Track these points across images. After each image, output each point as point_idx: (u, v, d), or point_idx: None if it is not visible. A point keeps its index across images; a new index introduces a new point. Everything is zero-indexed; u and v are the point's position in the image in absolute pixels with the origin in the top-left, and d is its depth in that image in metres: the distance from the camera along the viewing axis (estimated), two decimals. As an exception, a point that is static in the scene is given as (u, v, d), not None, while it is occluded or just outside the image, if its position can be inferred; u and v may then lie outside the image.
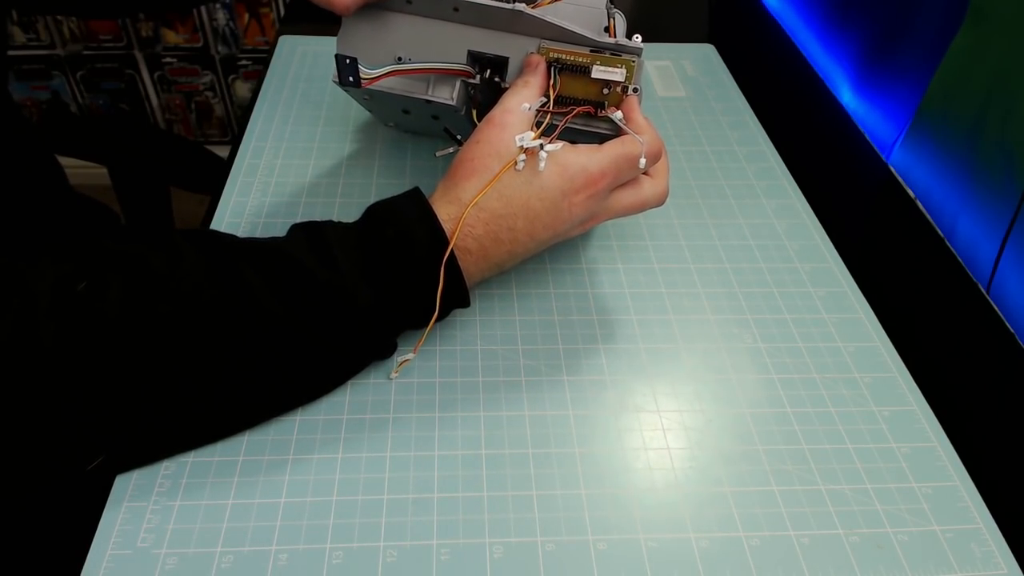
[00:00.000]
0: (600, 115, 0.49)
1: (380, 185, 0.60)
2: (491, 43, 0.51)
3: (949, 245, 0.59)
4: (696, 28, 0.91)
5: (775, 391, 0.46)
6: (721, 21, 0.93)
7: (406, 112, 0.57)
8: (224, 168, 0.61)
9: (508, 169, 0.44)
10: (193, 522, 0.38)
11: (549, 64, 0.49)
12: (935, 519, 0.40)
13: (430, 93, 0.51)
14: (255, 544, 0.38)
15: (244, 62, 1.55)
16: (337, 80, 0.49)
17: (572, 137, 0.48)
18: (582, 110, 0.49)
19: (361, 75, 0.48)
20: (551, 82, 0.48)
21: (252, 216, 0.56)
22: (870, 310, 0.52)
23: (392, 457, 0.42)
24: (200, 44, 1.52)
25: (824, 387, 0.47)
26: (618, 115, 0.48)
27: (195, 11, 1.47)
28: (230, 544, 0.37)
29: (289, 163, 0.62)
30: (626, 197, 0.48)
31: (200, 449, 0.41)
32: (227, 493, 0.40)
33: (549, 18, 0.48)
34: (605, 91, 0.49)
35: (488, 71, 0.51)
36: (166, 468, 0.40)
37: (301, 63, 0.74)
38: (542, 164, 0.44)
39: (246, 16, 1.49)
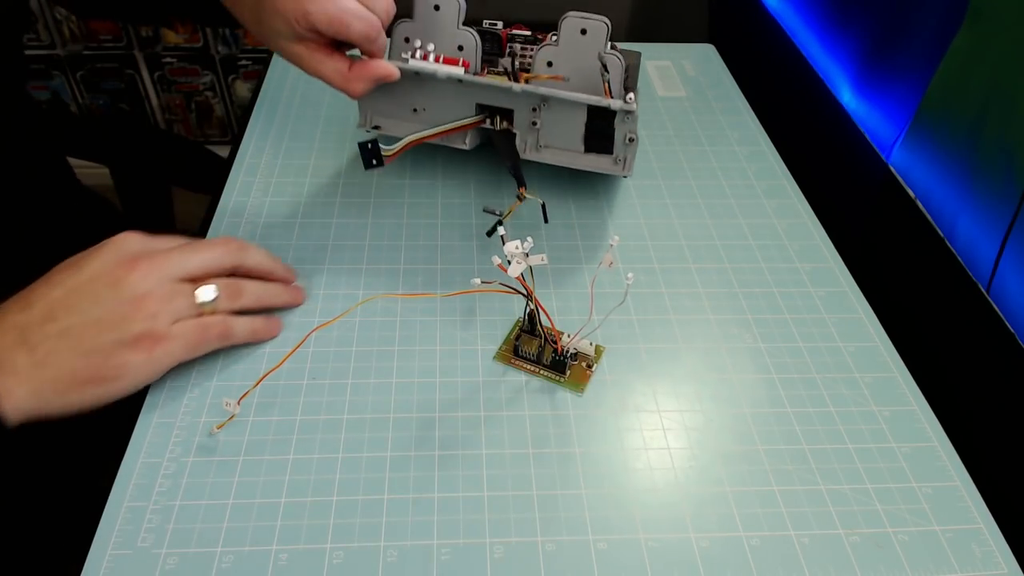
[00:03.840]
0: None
1: (380, 184, 0.60)
2: (497, 98, 0.54)
3: (949, 245, 0.59)
4: (696, 28, 0.91)
5: (775, 391, 0.46)
6: (721, 21, 0.93)
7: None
8: (224, 168, 0.61)
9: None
10: (193, 522, 0.38)
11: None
12: (935, 519, 0.40)
13: (445, 139, 0.55)
14: (255, 544, 0.37)
15: (244, 62, 1.55)
16: (363, 167, 0.51)
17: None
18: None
19: (383, 153, 0.50)
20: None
21: (252, 216, 0.56)
22: (870, 310, 0.52)
23: (392, 457, 0.42)
24: (200, 44, 1.52)
25: (824, 387, 0.47)
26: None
27: (195, 11, 1.47)
28: (230, 544, 0.37)
29: (289, 163, 0.62)
30: None
31: (200, 449, 0.41)
32: (227, 493, 0.40)
33: (542, 90, 0.52)
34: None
35: (498, 117, 0.55)
36: (166, 468, 0.40)
37: (301, 63, 0.74)
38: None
39: (246, 16, 1.49)
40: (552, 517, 0.39)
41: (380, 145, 0.50)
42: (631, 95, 0.51)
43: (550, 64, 0.52)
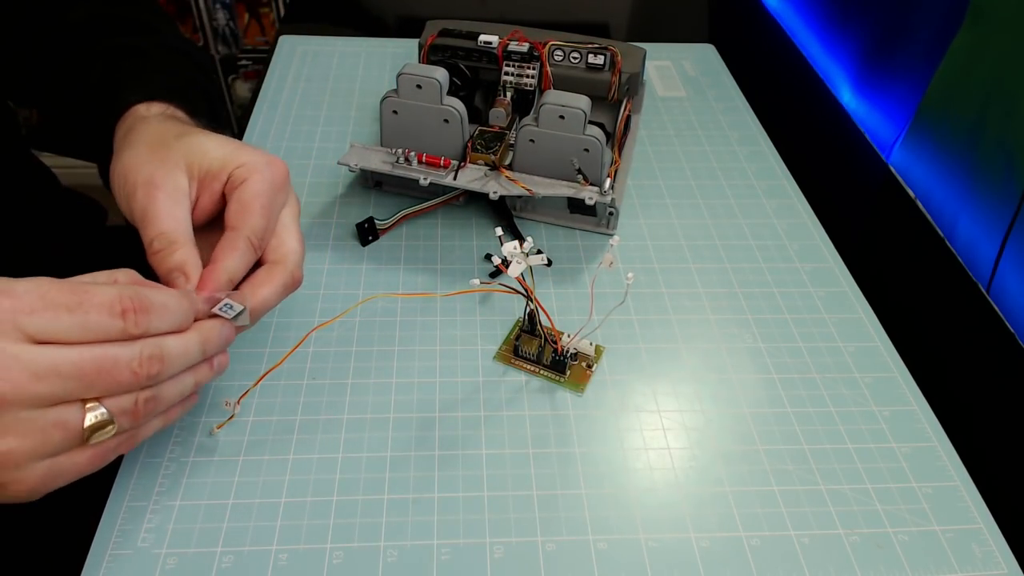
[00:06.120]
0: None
1: (380, 185, 0.60)
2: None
3: (949, 245, 0.59)
4: (696, 28, 0.91)
5: (775, 391, 0.46)
6: (721, 21, 0.93)
7: None
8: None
9: None
10: (193, 522, 0.38)
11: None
12: (935, 519, 0.40)
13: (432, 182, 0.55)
14: (255, 544, 0.37)
15: (244, 62, 1.54)
16: (361, 244, 0.55)
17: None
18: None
19: (378, 227, 0.55)
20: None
21: (252, 216, 0.56)
22: (870, 310, 0.52)
23: (392, 457, 0.42)
24: (200, 44, 1.52)
25: (824, 387, 0.47)
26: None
27: (195, 11, 1.47)
28: (230, 544, 0.37)
29: (289, 163, 0.61)
30: None
31: (200, 449, 0.41)
32: (227, 493, 0.40)
33: (516, 191, 0.52)
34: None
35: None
36: (166, 468, 0.40)
37: (301, 63, 0.74)
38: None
39: (246, 16, 1.49)
40: (552, 517, 0.39)
41: (376, 220, 0.54)
42: (608, 182, 0.52)
43: (532, 141, 0.53)
